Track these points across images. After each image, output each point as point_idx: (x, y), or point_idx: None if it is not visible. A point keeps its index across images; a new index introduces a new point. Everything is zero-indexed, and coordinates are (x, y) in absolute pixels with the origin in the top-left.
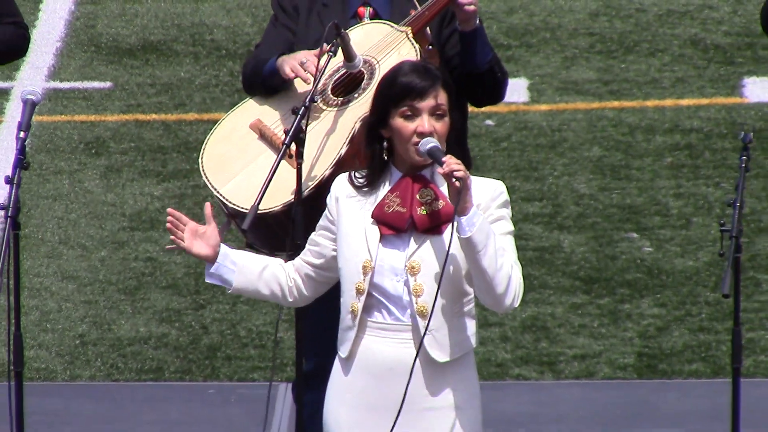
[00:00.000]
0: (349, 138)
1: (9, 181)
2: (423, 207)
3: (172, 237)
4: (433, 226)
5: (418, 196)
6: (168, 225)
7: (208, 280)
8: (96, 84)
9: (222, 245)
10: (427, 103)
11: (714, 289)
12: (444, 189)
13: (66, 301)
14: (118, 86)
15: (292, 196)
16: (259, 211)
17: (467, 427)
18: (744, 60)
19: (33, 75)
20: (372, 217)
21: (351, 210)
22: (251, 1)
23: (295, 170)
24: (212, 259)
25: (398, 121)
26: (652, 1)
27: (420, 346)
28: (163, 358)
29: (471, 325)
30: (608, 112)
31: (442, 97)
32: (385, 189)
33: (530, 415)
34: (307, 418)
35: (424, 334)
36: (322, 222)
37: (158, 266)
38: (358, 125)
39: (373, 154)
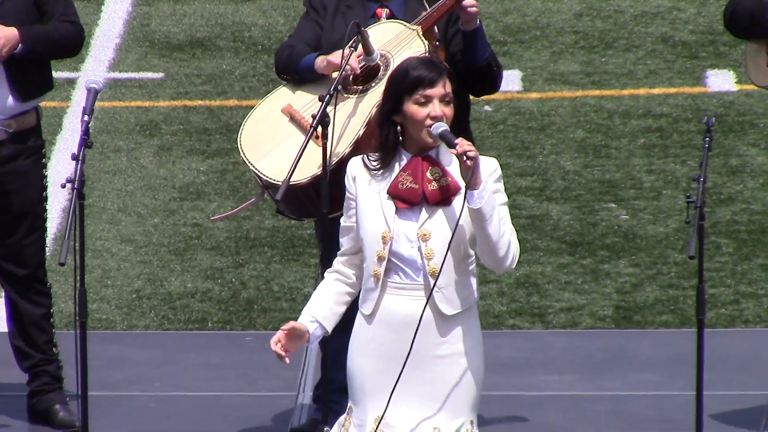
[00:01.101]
0: (366, 121)
1: (75, 158)
2: (433, 183)
3: (280, 356)
4: (442, 198)
5: (428, 174)
6: (281, 354)
7: (312, 346)
8: (150, 75)
9: (300, 323)
10: (437, 90)
11: (681, 252)
12: (450, 167)
13: (124, 261)
14: (168, 77)
15: (318, 171)
16: (289, 184)
17: (473, 372)
18: (707, 55)
19: (96, 67)
20: (387, 193)
21: (367, 188)
22: (284, 3)
23: (321, 149)
24: (307, 340)
25: (412, 108)
26: (629, 4)
27: (428, 299)
28: (207, 310)
29: (473, 282)
30: (590, 99)
31: (449, 86)
32: (396, 169)
33: (523, 360)
34: (330, 362)
35: (432, 289)
36: (347, 204)
37: (203, 231)
38: (374, 110)
39: (386, 136)
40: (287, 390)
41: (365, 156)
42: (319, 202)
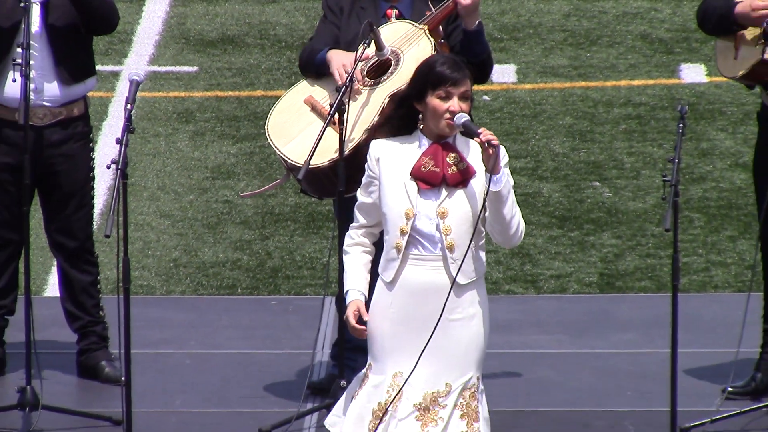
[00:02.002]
0: (379, 110)
1: (119, 142)
2: (452, 167)
3: (363, 334)
4: (461, 180)
5: (448, 159)
6: (363, 332)
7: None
8: (185, 68)
9: (362, 300)
10: (458, 89)
11: (658, 225)
12: (465, 153)
13: (163, 234)
14: (202, 70)
15: (336, 155)
16: (310, 166)
17: (481, 333)
18: (681, 50)
19: (137, 61)
20: (410, 175)
21: (391, 168)
22: (305, 5)
23: (338, 135)
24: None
25: (434, 101)
26: (611, 5)
27: (455, 276)
28: (237, 277)
29: (482, 255)
30: (577, 90)
31: (468, 85)
32: (417, 152)
33: (517, 322)
34: (345, 326)
35: (460, 268)
36: (365, 181)
37: (233, 207)
38: (386, 101)
39: (401, 116)
40: (307, 348)
41: (389, 138)
42: (337, 182)
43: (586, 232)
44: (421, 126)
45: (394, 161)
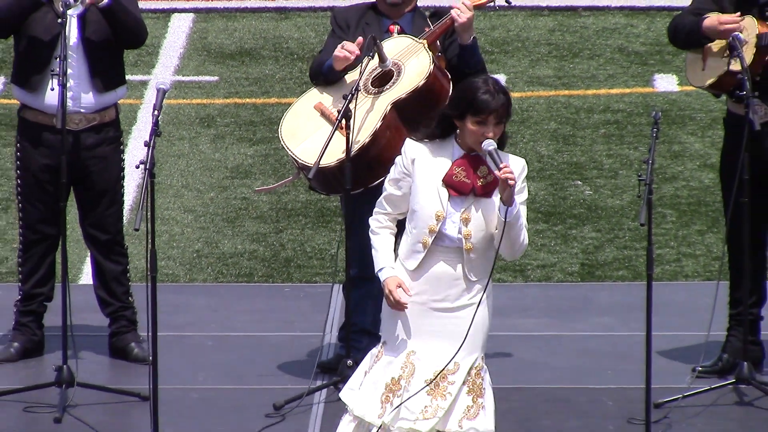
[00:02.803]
0: (382, 117)
1: (147, 144)
2: (481, 179)
3: (405, 306)
4: (485, 192)
5: (478, 172)
6: (405, 305)
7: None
8: (207, 78)
9: (398, 277)
10: (494, 117)
11: (634, 220)
12: (491, 166)
13: (186, 227)
14: (222, 79)
15: (343, 156)
16: (319, 166)
17: (486, 316)
18: (654, 62)
19: (163, 71)
20: (443, 182)
21: (425, 171)
22: (314, 21)
23: (345, 138)
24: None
25: (472, 125)
26: (591, 21)
27: (486, 286)
28: (253, 266)
29: (491, 257)
30: (561, 98)
31: (503, 111)
32: (450, 160)
33: (507, 307)
34: (352, 308)
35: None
36: (396, 177)
37: (250, 203)
38: (389, 108)
39: (441, 129)
40: (317, 331)
41: (422, 140)
42: (344, 180)
43: (569, 226)
44: (458, 137)
45: (428, 165)
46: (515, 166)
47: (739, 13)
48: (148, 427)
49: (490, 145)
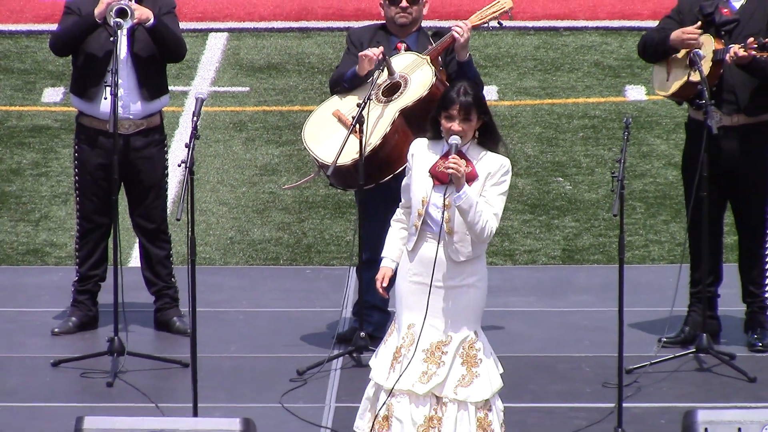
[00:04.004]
0: (391, 122)
1: (187, 146)
2: None
3: (384, 293)
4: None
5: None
6: (384, 293)
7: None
8: (239, 88)
9: (390, 268)
10: (460, 113)
11: (607, 211)
12: (475, 159)
13: (221, 218)
14: (252, 90)
15: (357, 156)
16: (336, 165)
17: (477, 299)
18: (626, 75)
19: (201, 83)
20: (429, 172)
21: (419, 164)
22: (332, 40)
23: (359, 140)
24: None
25: (443, 120)
26: (572, 40)
27: (442, 248)
28: (279, 251)
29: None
30: (545, 106)
31: (473, 110)
32: (438, 154)
33: (498, 286)
34: (364, 287)
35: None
36: (406, 172)
37: (277, 197)
38: (397, 115)
39: (434, 129)
40: (334, 307)
41: (426, 140)
42: (358, 177)
43: (552, 216)
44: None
45: (423, 158)
46: (493, 164)
47: (699, 24)
48: (188, 390)
49: (454, 139)
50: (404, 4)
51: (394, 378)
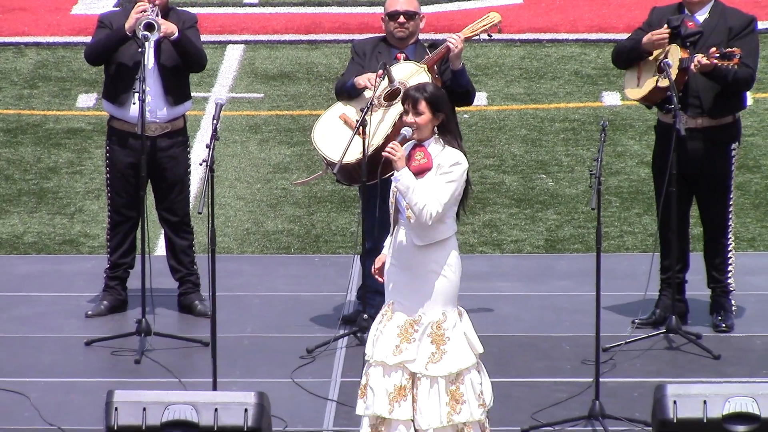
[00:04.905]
0: (392, 124)
1: (208, 146)
2: (415, 162)
3: (380, 278)
4: (417, 172)
5: (416, 156)
6: (380, 278)
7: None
8: (255, 95)
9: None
10: (410, 106)
11: (586, 205)
12: (435, 153)
13: (238, 211)
14: (266, 96)
15: (361, 155)
16: (342, 163)
17: (444, 285)
18: (603, 82)
19: (220, 89)
20: None
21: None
22: (338, 51)
23: (362, 141)
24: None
25: (405, 115)
26: (554, 51)
27: (395, 232)
28: (291, 241)
29: (441, 227)
30: (530, 110)
31: (422, 104)
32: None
33: (487, 273)
34: (367, 274)
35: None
36: None
37: (288, 192)
38: (397, 118)
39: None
40: (340, 291)
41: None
42: (362, 174)
43: (536, 210)
44: None
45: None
46: (447, 157)
47: (666, 26)
48: (208, 367)
49: (404, 130)
50: (402, 20)
51: (372, 350)
